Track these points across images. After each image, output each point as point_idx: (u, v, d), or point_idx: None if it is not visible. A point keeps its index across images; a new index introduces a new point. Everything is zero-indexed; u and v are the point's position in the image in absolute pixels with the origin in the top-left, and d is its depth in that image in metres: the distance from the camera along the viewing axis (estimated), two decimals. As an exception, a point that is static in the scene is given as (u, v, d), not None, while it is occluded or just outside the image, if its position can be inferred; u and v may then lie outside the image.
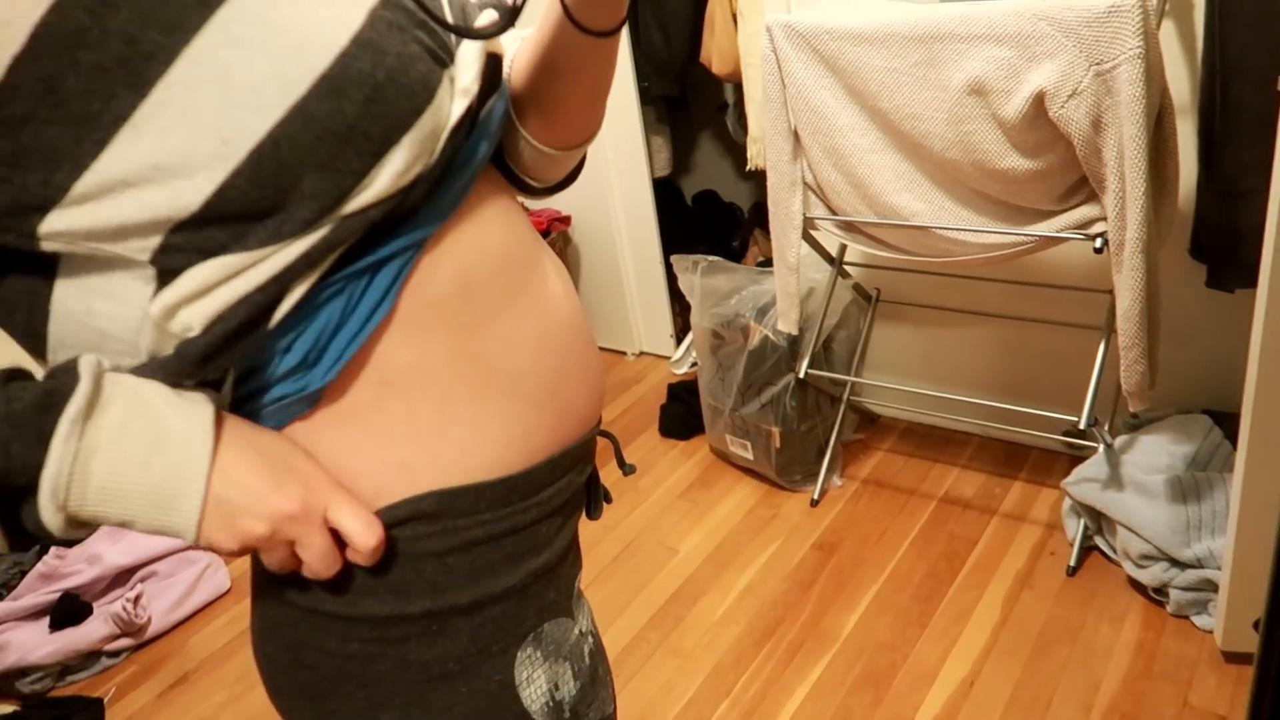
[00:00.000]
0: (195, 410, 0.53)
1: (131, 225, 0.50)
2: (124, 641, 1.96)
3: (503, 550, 0.62)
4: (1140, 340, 1.54)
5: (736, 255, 3.00)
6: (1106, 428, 1.80)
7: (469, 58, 0.58)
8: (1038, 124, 1.48)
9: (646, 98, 2.58)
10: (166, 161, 0.48)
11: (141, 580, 2.04)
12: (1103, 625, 1.66)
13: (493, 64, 0.63)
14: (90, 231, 0.50)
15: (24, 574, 2.01)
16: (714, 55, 2.32)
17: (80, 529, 0.52)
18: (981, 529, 1.93)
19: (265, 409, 0.56)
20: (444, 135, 0.55)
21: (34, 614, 1.95)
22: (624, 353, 2.87)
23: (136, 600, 1.96)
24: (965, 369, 2.16)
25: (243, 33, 0.48)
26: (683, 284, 2.21)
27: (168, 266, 0.51)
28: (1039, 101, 1.45)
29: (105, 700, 1.87)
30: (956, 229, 1.67)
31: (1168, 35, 1.66)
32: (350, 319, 0.55)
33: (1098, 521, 1.79)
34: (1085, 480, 1.76)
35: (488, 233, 0.60)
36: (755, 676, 1.68)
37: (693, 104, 2.97)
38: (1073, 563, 1.79)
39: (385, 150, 0.52)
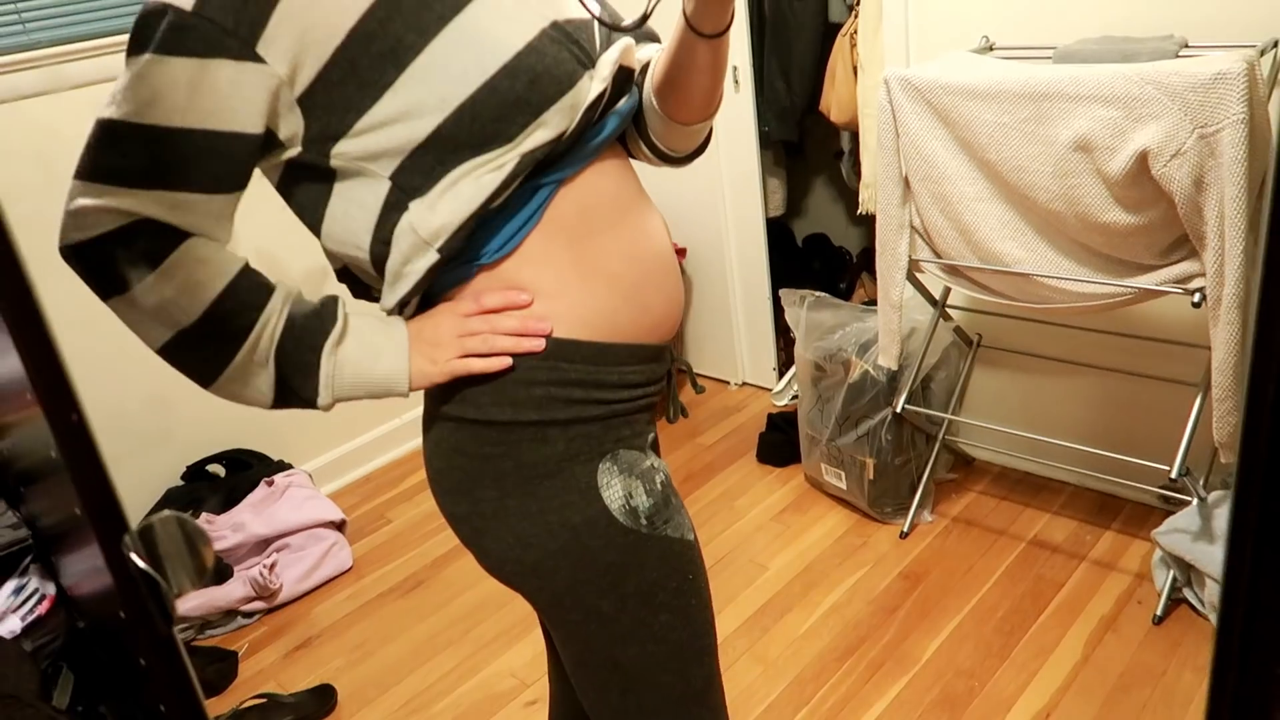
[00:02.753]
0: (394, 330, 0.87)
1: (385, 149, 0.79)
2: (258, 604, 2.17)
3: (589, 394, 0.87)
4: (1234, 394, 1.59)
5: (843, 297, 3.10)
6: (1201, 482, 1.83)
7: (605, 65, 0.86)
8: (1140, 181, 1.56)
9: (766, 141, 2.72)
10: (409, 110, 0.78)
11: (277, 551, 2.25)
12: (1185, 672, 1.68)
13: (623, 74, 0.89)
14: (362, 154, 0.80)
15: (178, 536, 2.25)
16: (833, 104, 2.45)
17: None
18: (1069, 573, 1.97)
19: (458, 270, 0.85)
20: (581, 110, 0.83)
21: (184, 572, 2.17)
22: (727, 382, 3.00)
23: (271, 568, 2.17)
24: (1062, 417, 2.21)
25: (461, 37, 0.79)
26: (789, 317, 2.33)
27: (400, 184, 0.80)
28: (1142, 160, 1.53)
29: (239, 654, 2.07)
30: (1058, 277, 1.75)
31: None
32: (515, 219, 0.84)
33: (1187, 574, 1.82)
34: (1176, 531, 1.80)
35: (605, 181, 0.88)
36: (834, 690, 1.76)
37: (810, 150, 3.10)
38: (1159, 612, 1.82)
39: (541, 113, 0.80)
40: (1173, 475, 1.71)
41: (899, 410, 2.09)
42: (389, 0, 0.77)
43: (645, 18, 0.84)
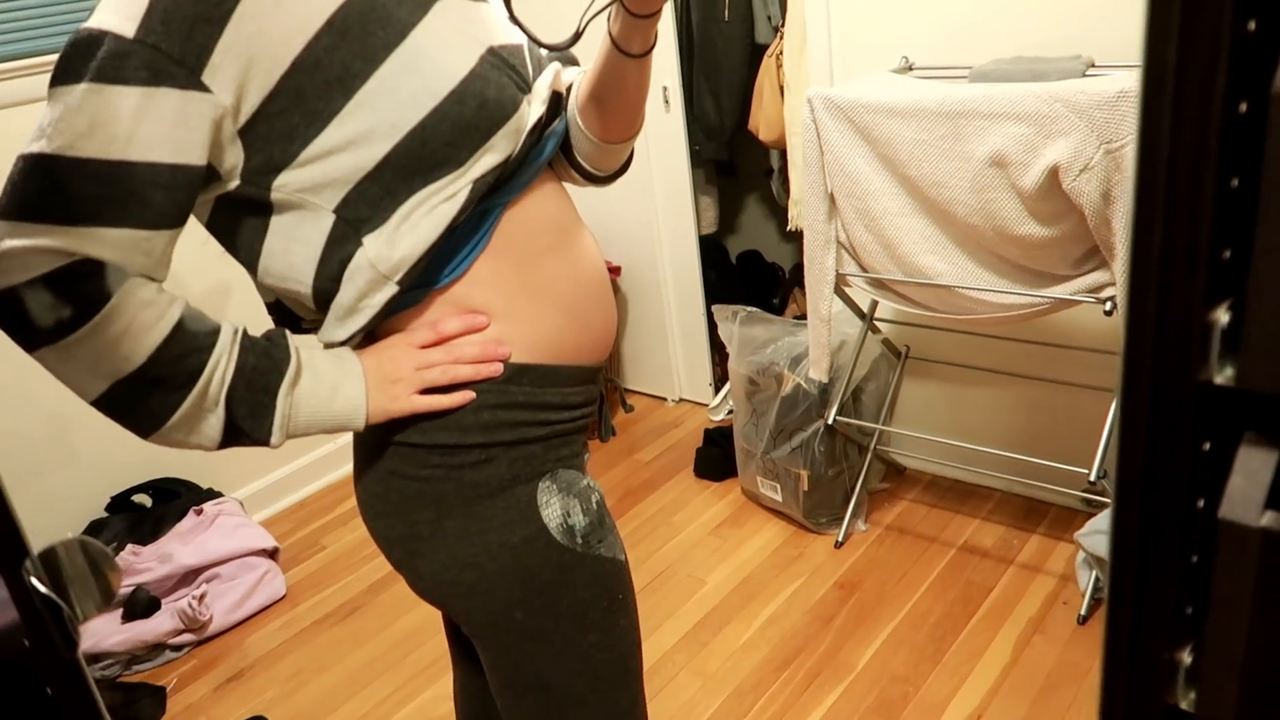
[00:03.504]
0: (349, 365, 0.85)
1: (331, 180, 0.78)
2: (187, 636, 2.12)
3: (534, 415, 0.88)
4: (1146, 398, 1.65)
5: (777, 312, 3.14)
6: (1119, 484, 1.89)
7: (541, 90, 0.87)
8: (1053, 195, 1.62)
9: (697, 161, 2.76)
10: (357, 137, 0.77)
11: (206, 581, 2.19)
12: (1108, 670, 1.73)
13: (555, 98, 0.91)
14: (304, 185, 0.78)
15: (101, 569, 2.18)
16: (761, 123, 2.50)
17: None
18: (998, 577, 2.02)
19: (409, 296, 0.84)
20: (525, 134, 0.84)
21: (108, 606, 2.11)
22: (664, 399, 3.01)
23: (201, 599, 2.12)
24: (988, 425, 2.27)
25: (409, 63, 0.78)
26: (722, 332, 2.36)
27: (346, 216, 0.79)
28: (1053, 174, 1.59)
29: (167, 689, 2.01)
30: (978, 289, 1.80)
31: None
32: (464, 244, 0.84)
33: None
34: (1096, 533, 1.85)
35: (546, 202, 0.90)
36: (773, 700, 1.78)
37: (741, 168, 3.15)
38: (1083, 611, 1.87)
39: (489, 138, 0.81)
40: (1091, 478, 1.76)
41: (830, 422, 2.12)
42: (334, 28, 0.76)
43: (578, 36, 0.86)
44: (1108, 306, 1.65)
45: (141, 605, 2.10)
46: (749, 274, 3.31)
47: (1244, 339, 0.40)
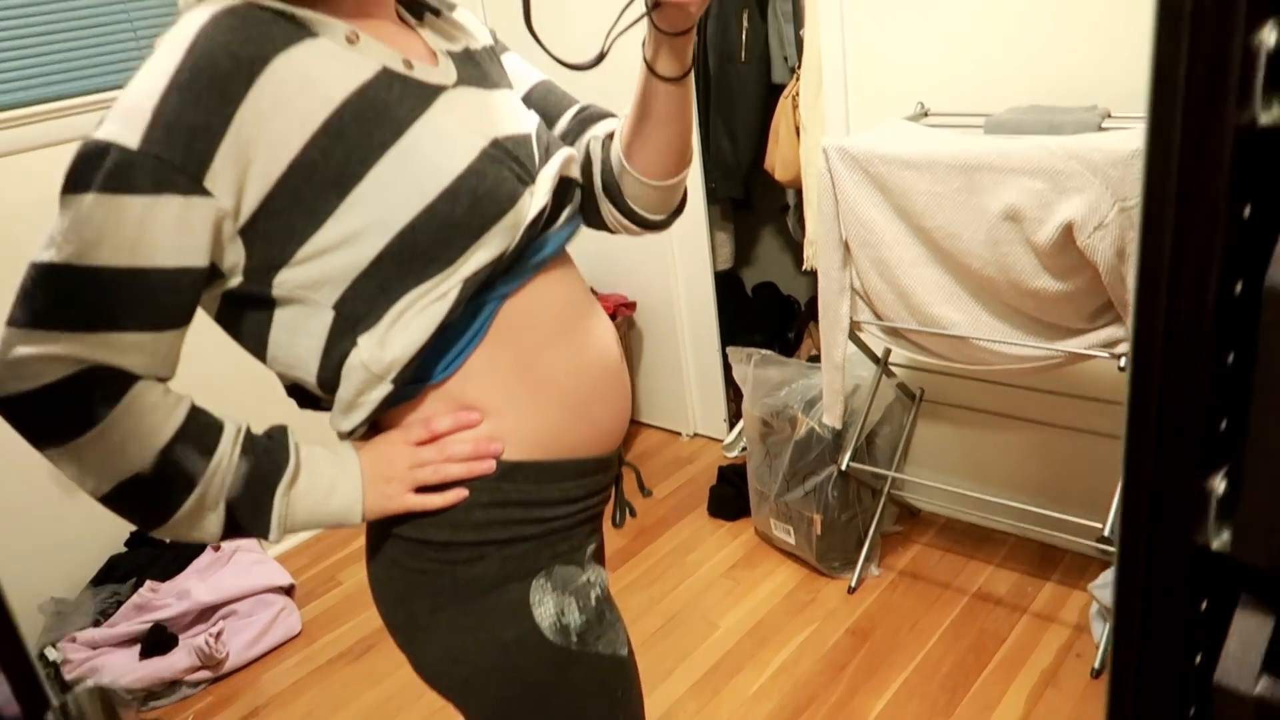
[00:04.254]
0: (347, 463, 0.86)
1: (328, 277, 0.79)
2: (203, 674, 2.13)
3: (529, 513, 0.87)
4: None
5: (792, 345, 3.15)
6: (1135, 535, 1.88)
7: (544, 181, 0.87)
8: (1067, 250, 1.62)
9: (713, 198, 2.77)
10: (351, 236, 0.78)
11: (223, 618, 2.21)
12: (1123, 727, 1.72)
13: (564, 185, 0.90)
14: (304, 282, 0.80)
15: (120, 604, 2.21)
16: (777, 163, 2.51)
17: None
18: (1011, 626, 2.01)
19: (405, 391, 0.84)
20: (522, 228, 0.84)
21: (126, 641, 2.13)
22: (679, 433, 3.02)
23: (218, 636, 2.14)
24: (1004, 470, 2.26)
25: (403, 162, 0.79)
26: (737, 374, 2.36)
27: (344, 312, 0.80)
28: (1068, 231, 1.59)
29: (183, 727, 2.03)
30: (992, 340, 1.80)
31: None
32: (459, 339, 0.84)
33: (1124, 626, 1.86)
34: (1110, 585, 1.84)
35: (550, 292, 0.89)
36: (784, 751, 1.77)
37: (757, 204, 3.16)
38: (1097, 664, 1.86)
39: (480, 235, 0.81)
40: (1105, 533, 1.76)
41: (844, 469, 2.12)
42: (331, 129, 0.77)
43: (602, 56, 0.87)
44: (1121, 362, 1.65)
45: (159, 642, 2.12)
46: (765, 306, 3.32)
47: (1238, 511, 0.41)
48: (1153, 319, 0.40)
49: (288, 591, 2.34)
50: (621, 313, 2.88)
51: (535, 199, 0.85)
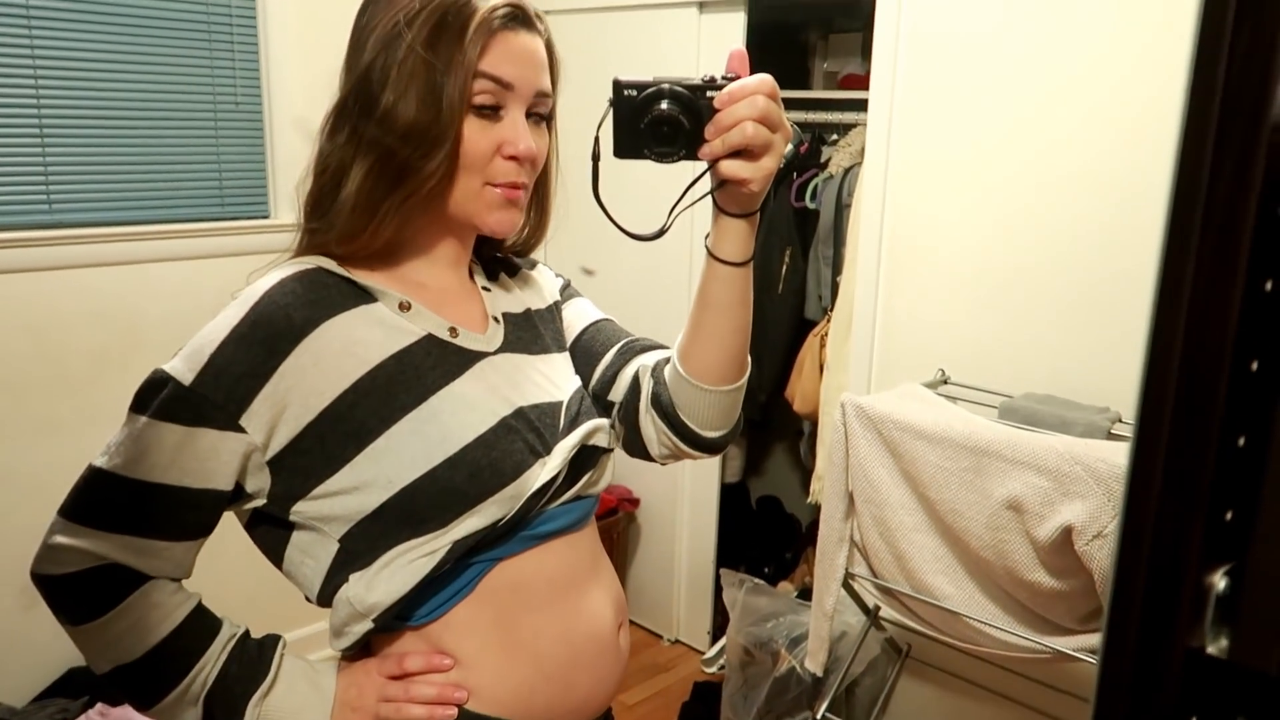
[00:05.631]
0: (323, 685, 0.89)
1: (338, 515, 0.85)
2: (129, 819, 2.05)
3: None
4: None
5: (789, 566, 3.13)
6: None
7: (559, 453, 0.91)
8: (1065, 551, 1.64)
9: (732, 412, 2.83)
10: (361, 484, 0.84)
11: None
12: None
13: (585, 453, 0.94)
14: (316, 515, 0.86)
15: (65, 725, 2.15)
16: (798, 395, 2.58)
17: None
18: None
19: (389, 624, 0.87)
20: (523, 499, 0.87)
21: (62, 770, 2.06)
22: (660, 636, 2.97)
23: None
24: (981, 746, 2.20)
25: (417, 427, 0.86)
26: (726, 597, 2.35)
27: (347, 547, 0.86)
28: (1067, 533, 1.62)
29: None
30: (982, 621, 1.80)
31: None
32: (445, 589, 0.87)
33: None
34: None
35: (548, 560, 0.91)
36: None
37: (773, 421, 3.22)
38: None
39: (476, 504, 0.85)
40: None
41: (819, 718, 2.07)
42: (362, 387, 0.85)
43: (664, 230, 0.89)
44: (1109, 672, 1.63)
45: (93, 776, 2.05)
46: (767, 520, 3.33)
47: (1241, 612, 0.38)
48: (1160, 387, 0.36)
49: None
50: (624, 508, 2.90)
51: (546, 470, 0.89)
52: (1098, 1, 1.86)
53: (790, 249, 2.65)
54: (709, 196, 0.89)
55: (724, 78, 0.84)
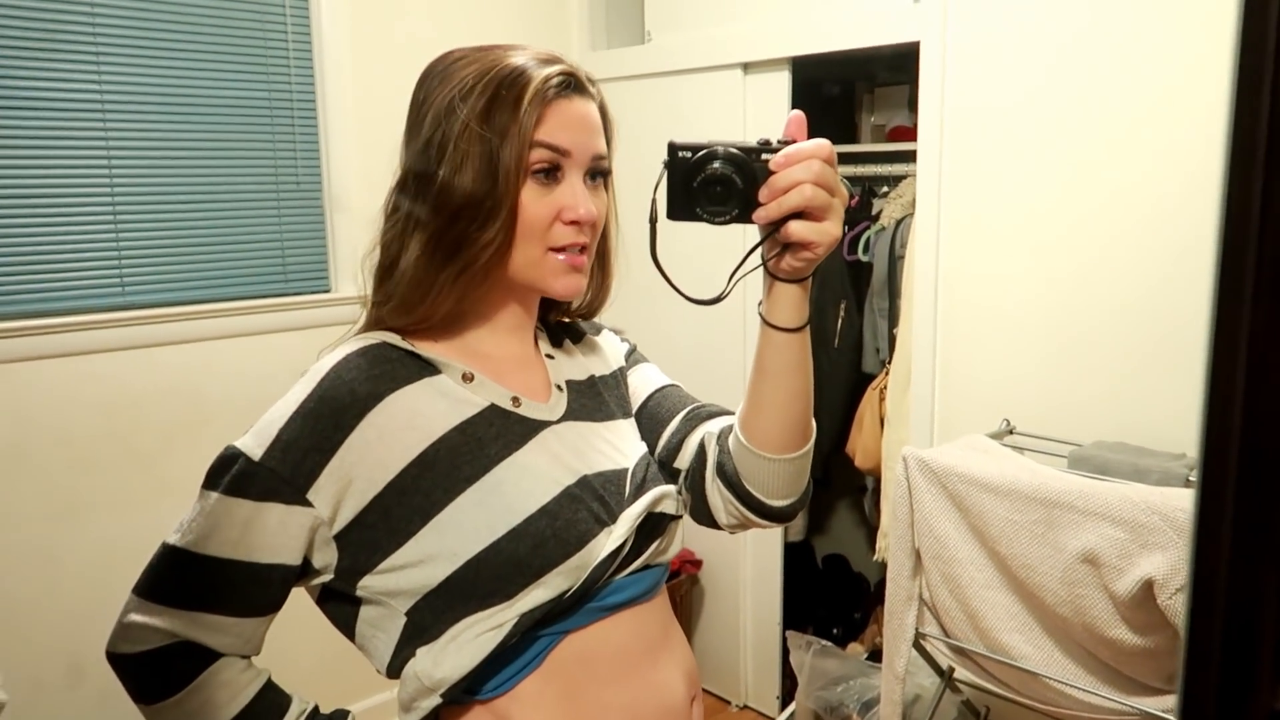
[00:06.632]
0: None
1: (404, 589, 0.85)
2: None
3: None
4: None
5: (858, 627, 3.04)
6: None
7: (624, 521, 0.89)
8: (1147, 606, 1.57)
9: (792, 469, 2.79)
10: (426, 558, 0.84)
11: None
12: None
13: (652, 521, 0.92)
14: (383, 589, 0.85)
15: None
16: (858, 450, 2.53)
17: None
18: None
19: (455, 703, 0.86)
20: (590, 569, 0.86)
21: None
22: (729, 702, 2.90)
23: None
24: (1071, 816, 2.08)
25: (480, 499, 0.85)
26: (794, 660, 2.29)
27: (415, 620, 0.85)
28: (1148, 587, 1.55)
29: None
30: (1063, 682, 1.72)
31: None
32: (513, 663, 0.86)
33: None
34: None
35: (617, 632, 0.90)
36: None
37: (836, 478, 3.16)
38: None
39: (541, 575, 0.84)
40: None
41: (895, 787, 1.99)
42: (423, 461, 0.85)
43: (723, 295, 0.87)
44: (1203, 735, 1.54)
45: None
46: (833, 579, 3.25)
47: None
48: (1223, 428, 0.34)
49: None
50: (687, 570, 2.86)
51: (612, 539, 0.88)
52: (1150, 44, 1.84)
53: (845, 302, 2.63)
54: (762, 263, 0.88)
55: (780, 141, 0.84)
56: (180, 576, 0.84)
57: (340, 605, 0.90)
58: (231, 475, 0.83)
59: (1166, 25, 1.81)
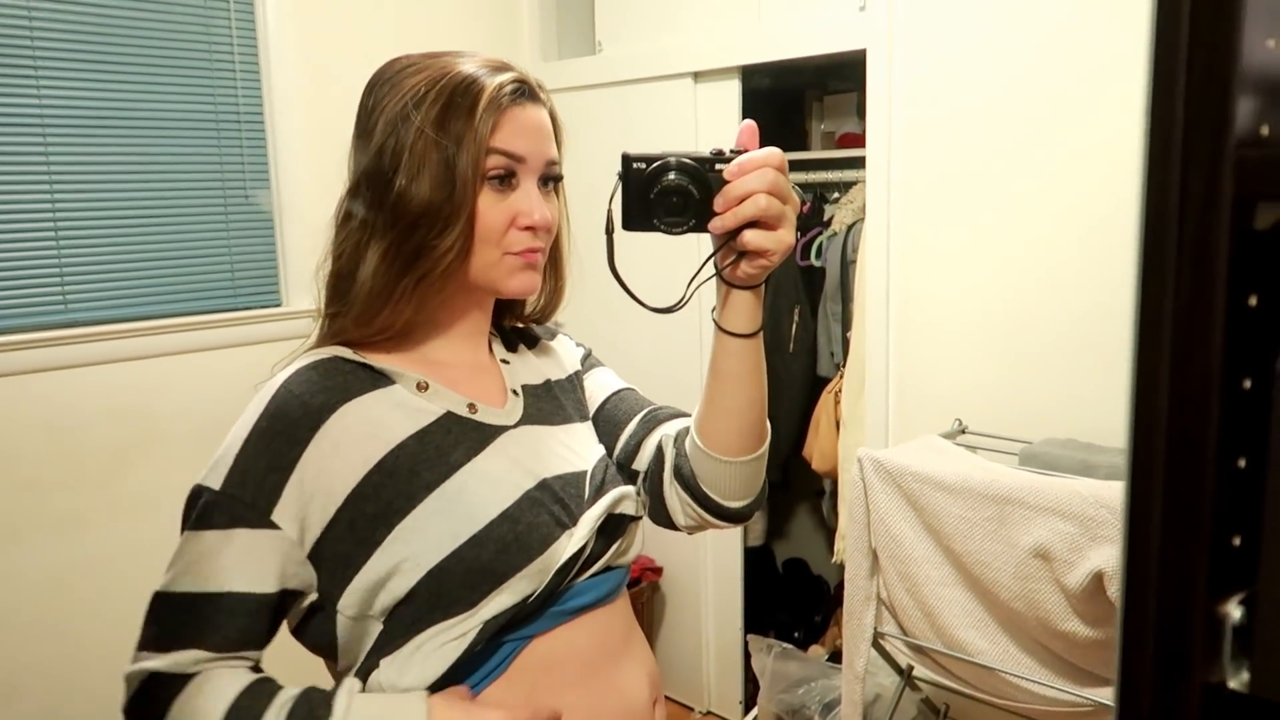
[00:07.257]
0: (411, 697, 0.83)
1: (377, 600, 0.84)
2: None
3: None
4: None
5: (818, 629, 3.06)
6: None
7: (585, 523, 0.90)
8: (1098, 598, 1.60)
9: (751, 474, 2.80)
10: (394, 568, 0.83)
11: None
12: None
13: (613, 522, 0.93)
14: (359, 601, 0.84)
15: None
16: (815, 453, 2.55)
17: None
18: None
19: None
20: (552, 572, 0.86)
21: None
22: (691, 708, 2.90)
23: None
24: (1030, 809, 2.11)
25: (441, 506, 0.85)
26: (755, 664, 2.30)
27: (387, 628, 0.84)
28: (1099, 579, 1.58)
29: None
30: (1019, 676, 1.74)
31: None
32: (478, 670, 0.86)
33: None
34: None
35: (581, 636, 0.90)
36: None
37: (794, 482, 3.18)
38: None
39: (504, 580, 0.84)
40: None
41: (858, 787, 2.00)
42: (383, 469, 0.85)
43: (680, 305, 0.88)
44: (1155, 724, 1.58)
45: None
46: (794, 583, 3.27)
47: (1256, 638, 0.36)
48: (1149, 415, 0.35)
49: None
50: (647, 577, 2.86)
51: (573, 540, 0.89)
52: (1101, 55, 1.88)
53: (799, 307, 2.65)
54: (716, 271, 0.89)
55: (732, 151, 0.85)
56: (162, 619, 0.83)
57: (320, 625, 0.88)
58: (198, 510, 0.83)
59: (1115, 36, 1.86)
